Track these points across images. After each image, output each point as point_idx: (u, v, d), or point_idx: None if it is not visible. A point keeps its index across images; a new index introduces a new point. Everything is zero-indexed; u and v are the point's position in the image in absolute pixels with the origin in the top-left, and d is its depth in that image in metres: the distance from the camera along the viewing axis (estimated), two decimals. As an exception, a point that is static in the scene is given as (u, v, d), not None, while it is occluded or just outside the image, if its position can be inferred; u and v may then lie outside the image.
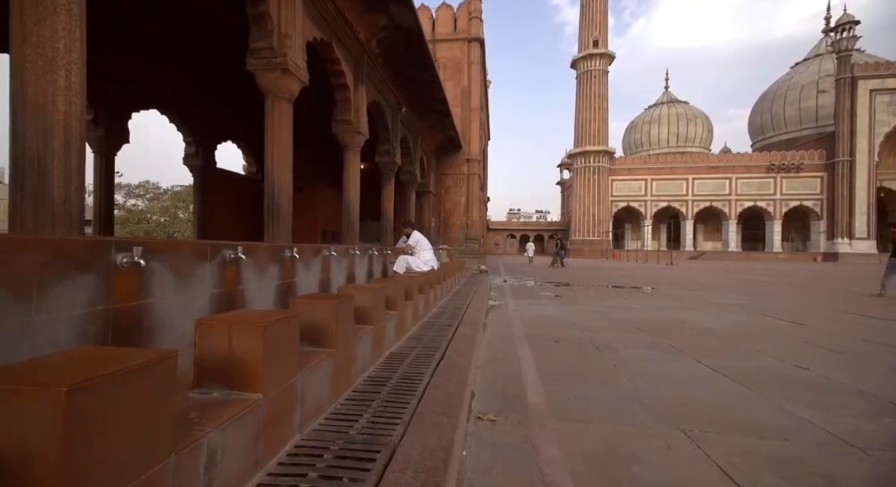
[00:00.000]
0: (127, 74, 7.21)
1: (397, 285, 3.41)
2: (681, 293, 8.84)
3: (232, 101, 9.44)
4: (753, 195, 41.17)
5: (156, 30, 6.47)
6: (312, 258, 3.41)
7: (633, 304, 6.92)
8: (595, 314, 5.85)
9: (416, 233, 5.76)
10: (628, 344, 3.94)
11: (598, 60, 42.63)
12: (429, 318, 4.69)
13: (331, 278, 3.76)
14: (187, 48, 7.07)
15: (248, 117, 10.32)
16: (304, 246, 3.33)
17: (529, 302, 7.06)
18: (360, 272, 4.65)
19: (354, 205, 6.59)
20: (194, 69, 7.86)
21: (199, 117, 8.76)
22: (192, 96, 8.39)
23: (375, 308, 2.78)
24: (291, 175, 4.46)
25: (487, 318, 5.34)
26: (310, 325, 2.22)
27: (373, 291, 2.78)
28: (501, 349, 3.73)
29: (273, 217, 4.26)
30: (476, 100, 14.43)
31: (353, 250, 4.30)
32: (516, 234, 60.29)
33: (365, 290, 2.80)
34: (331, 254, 3.65)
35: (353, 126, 6.35)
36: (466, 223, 14.43)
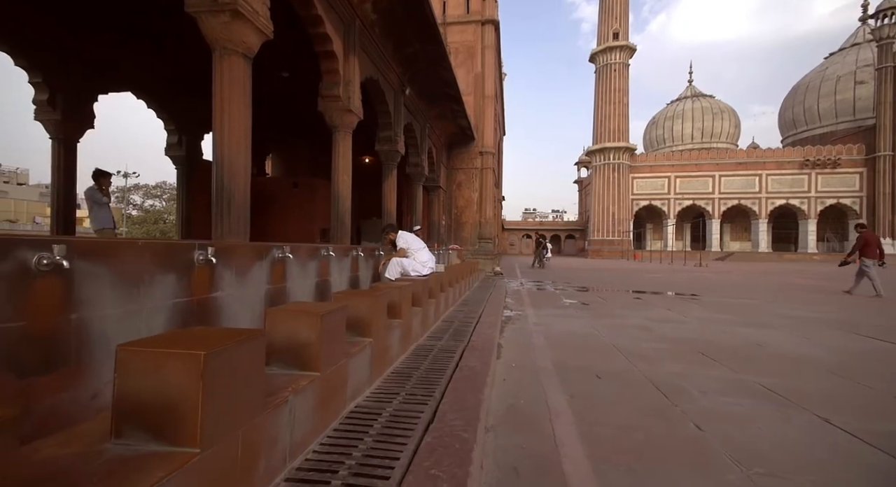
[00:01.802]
0: (94, 53, 6.38)
1: (375, 300, 2.36)
2: (731, 301, 7.56)
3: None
4: (785, 192, 38.84)
5: (133, 7, 5.60)
6: (251, 263, 2.39)
7: (680, 316, 5.72)
8: (638, 330, 4.69)
9: (403, 233, 4.71)
10: (704, 385, 2.80)
11: (618, 53, 40.93)
12: (426, 340, 3.63)
13: (287, 290, 2.74)
14: (167, 30, 6.17)
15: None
16: (236, 246, 2.32)
17: (553, 312, 5.94)
18: (340, 279, 3.62)
19: (345, 197, 5.59)
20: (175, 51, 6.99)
21: (181, 104, 7.90)
22: (173, 80, 7.53)
23: (324, 340, 1.74)
24: (249, 153, 3.47)
25: (503, 336, 4.25)
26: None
27: (318, 316, 1.74)
28: (523, 391, 2.64)
29: (223, 209, 3.26)
30: (490, 87, 13.33)
31: (325, 251, 3.28)
32: (532, 234, 58.77)
33: (307, 316, 1.75)
34: (286, 256, 2.62)
35: (343, 103, 5.35)
36: (480, 221, 13.33)
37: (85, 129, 6.25)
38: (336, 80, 5.27)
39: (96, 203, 5.50)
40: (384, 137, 7.58)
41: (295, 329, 1.73)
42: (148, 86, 7.33)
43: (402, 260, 4.37)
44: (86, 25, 5.91)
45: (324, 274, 3.31)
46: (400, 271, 4.33)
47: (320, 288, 3.22)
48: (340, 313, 1.94)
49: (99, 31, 6.06)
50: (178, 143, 8.01)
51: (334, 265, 3.50)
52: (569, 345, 3.92)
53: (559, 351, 3.70)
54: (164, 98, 7.67)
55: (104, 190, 5.54)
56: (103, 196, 5.51)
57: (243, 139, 3.35)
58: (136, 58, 6.87)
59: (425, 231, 12.16)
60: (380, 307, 2.48)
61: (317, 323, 1.72)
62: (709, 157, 40.86)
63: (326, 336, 1.77)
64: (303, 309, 1.86)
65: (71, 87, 6.03)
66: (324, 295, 3.27)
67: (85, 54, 6.30)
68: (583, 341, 4.12)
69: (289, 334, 1.74)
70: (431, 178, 11.64)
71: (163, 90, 7.60)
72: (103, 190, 5.53)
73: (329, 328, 1.79)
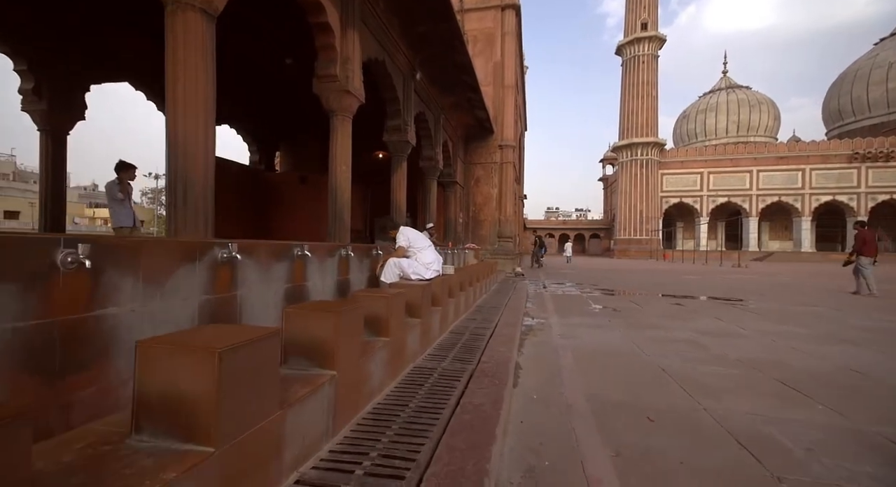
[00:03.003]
0: (88, 39, 6.01)
1: (343, 316, 1.70)
2: (789, 308, 6.54)
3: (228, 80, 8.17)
4: (832, 188, 36.13)
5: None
6: (176, 266, 1.75)
7: (735, 327, 4.83)
8: (688, 346, 3.86)
9: (405, 230, 4.01)
10: (805, 437, 2.00)
11: (646, 44, 39.11)
12: (425, 360, 2.95)
13: (238, 299, 2.10)
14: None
15: (248, 100, 9.06)
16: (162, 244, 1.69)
17: (581, 321, 5.14)
18: (322, 285, 2.98)
19: (344, 190, 4.98)
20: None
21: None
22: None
23: (227, 394, 1.09)
24: (213, 133, 2.88)
25: (522, 352, 3.52)
26: None
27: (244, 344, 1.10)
28: (548, 443, 1.92)
29: (177, 199, 2.68)
30: (510, 76, 12.53)
31: (300, 250, 2.64)
32: (555, 233, 57.26)
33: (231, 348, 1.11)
34: (232, 256, 1.99)
35: (340, 84, 4.74)
36: (499, 219, 12.55)
37: (75, 121, 5.88)
38: (332, 58, 4.66)
39: (113, 199, 5.05)
40: (393, 126, 6.96)
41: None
42: (147, 76, 6.95)
43: (402, 260, 3.69)
44: (82, 8, 5.53)
45: (298, 278, 2.67)
46: (398, 274, 3.66)
47: (292, 297, 2.59)
48: (271, 341, 1.28)
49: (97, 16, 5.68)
50: (180, 137, 7.61)
51: (313, 267, 2.86)
52: (605, 367, 3.15)
53: (593, 375, 2.94)
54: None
55: (124, 184, 5.05)
56: (119, 192, 5.01)
57: (203, 114, 2.76)
58: (136, 46, 6.48)
59: (441, 229, 11.49)
60: (351, 325, 1.81)
61: (212, 366, 1.08)
62: (745, 152, 38.46)
63: (245, 377, 1.14)
64: (214, 335, 1.22)
65: (59, 76, 5.66)
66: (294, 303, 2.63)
67: (80, 41, 5.94)
68: (621, 361, 3.33)
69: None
70: (447, 173, 10.97)
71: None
72: (123, 184, 5.04)
73: (251, 363, 1.16)
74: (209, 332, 1.30)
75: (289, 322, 1.71)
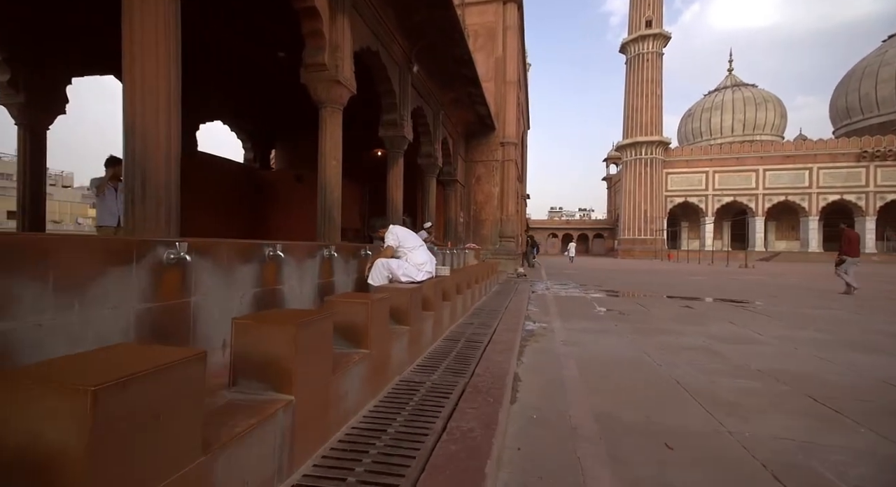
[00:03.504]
0: (69, 28, 5.76)
1: (304, 328, 1.42)
2: (806, 311, 6.20)
3: (220, 73, 7.91)
4: (839, 187, 35.56)
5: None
6: (104, 269, 1.47)
7: (751, 332, 4.50)
8: (703, 354, 3.55)
9: (395, 228, 3.69)
10: (849, 467, 1.70)
11: (651, 42, 38.68)
12: (414, 372, 2.66)
13: (190, 306, 1.82)
14: None
15: (241, 95, 8.79)
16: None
17: (585, 326, 4.84)
18: (299, 289, 2.69)
19: (334, 186, 4.69)
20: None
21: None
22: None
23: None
24: (177, 117, 2.60)
25: (521, 361, 3.22)
26: None
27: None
28: (549, 475, 1.62)
29: (135, 191, 2.40)
30: (512, 72, 12.22)
31: (272, 250, 2.35)
32: (558, 233, 56.88)
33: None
34: (181, 257, 1.70)
35: (329, 73, 4.46)
36: (501, 218, 12.24)
37: (55, 115, 5.63)
38: (320, 45, 4.37)
39: (98, 195, 4.74)
40: (388, 121, 6.67)
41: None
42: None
43: (391, 261, 3.40)
44: None
45: (270, 281, 2.39)
46: (387, 276, 3.37)
47: (263, 303, 2.30)
48: (189, 369, 0.99)
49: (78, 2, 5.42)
50: (169, 133, 7.36)
51: (290, 270, 2.58)
52: (613, 380, 2.85)
53: (600, 389, 2.64)
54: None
55: (114, 181, 4.71)
56: (98, 190, 4.69)
57: (165, 99, 2.47)
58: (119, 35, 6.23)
59: (441, 228, 11.20)
60: (315, 339, 1.52)
61: (82, 411, 0.79)
62: (752, 150, 37.93)
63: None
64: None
65: (38, 67, 5.40)
66: (266, 309, 2.34)
67: (61, 30, 5.68)
68: (631, 372, 3.03)
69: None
70: (447, 171, 10.67)
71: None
72: (114, 180, 4.71)
73: (153, 402, 0.87)
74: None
75: (239, 335, 1.43)
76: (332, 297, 2.14)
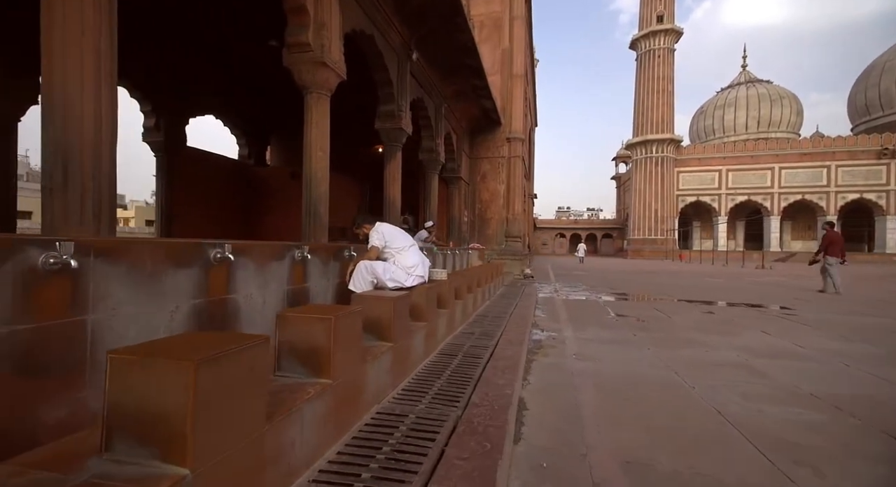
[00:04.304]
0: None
1: (237, 354, 0.98)
2: (848, 318, 5.62)
3: (209, 63, 7.54)
4: (859, 186, 34.41)
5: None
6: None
7: (790, 344, 3.96)
8: (741, 374, 3.04)
9: (381, 225, 3.20)
10: None
11: (662, 37, 37.86)
12: (396, 401, 2.20)
13: (87, 324, 1.38)
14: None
15: (234, 86, 8.40)
16: None
17: (600, 335, 4.34)
18: (262, 297, 2.24)
19: (321, 181, 4.25)
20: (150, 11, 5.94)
21: (156, 79, 6.87)
22: (142, 49, 6.49)
23: None
24: (114, 93, 2.17)
25: (528, 381, 2.74)
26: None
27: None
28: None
29: (56, 180, 1.97)
30: (519, 64, 11.71)
31: (221, 252, 1.90)
32: (566, 233, 56.12)
33: None
34: (64, 262, 1.26)
35: (314, 54, 4.02)
36: (507, 217, 11.74)
37: (26, 107, 5.26)
38: (303, 23, 3.94)
39: None
40: (385, 112, 6.22)
41: None
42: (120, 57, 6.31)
43: (375, 264, 2.93)
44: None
45: (217, 290, 1.94)
46: (371, 281, 2.91)
47: (204, 317, 1.85)
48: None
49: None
50: (156, 127, 7.00)
51: (246, 275, 2.13)
52: (639, 408, 2.36)
53: (625, 422, 2.15)
54: (140, 72, 6.66)
55: None
56: None
57: (93, 67, 2.04)
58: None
59: (444, 228, 10.74)
60: (229, 382, 1.07)
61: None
62: (767, 148, 36.90)
63: None
64: None
65: (3, 55, 5.05)
66: (212, 325, 1.90)
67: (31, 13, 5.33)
68: (661, 397, 2.53)
69: None
70: (451, 168, 10.21)
71: (138, 63, 6.59)
72: None
73: None
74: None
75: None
76: (287, 311, 1.68)
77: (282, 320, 1.65)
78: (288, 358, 1.63)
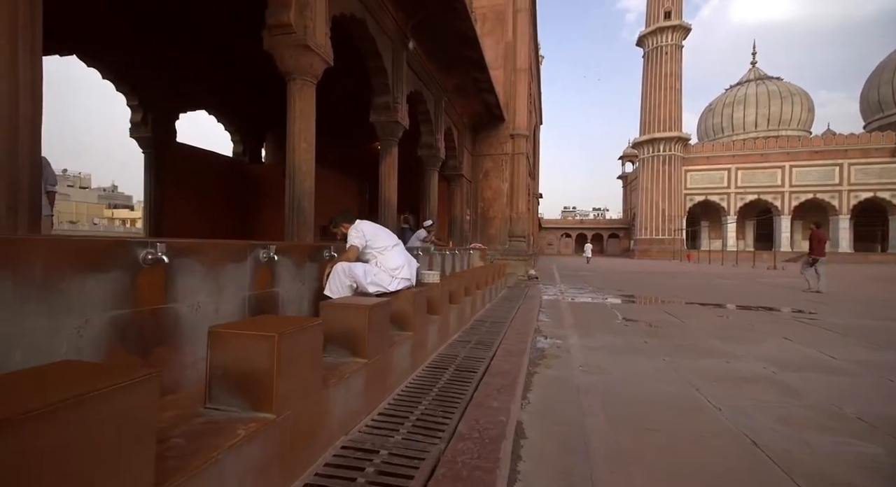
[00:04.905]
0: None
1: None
2: (882, 325, 5.21)
3: (200, 56, 7.25)
4: (873, 184, 33.56)
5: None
6: None
7: (819, 353, 3.58)
8: (771, 391, 2.67)
9: (361, 223, 2.82)
10: None
11: (670, 34, 37.21)
12: (372, 428, 1.87)
13: None
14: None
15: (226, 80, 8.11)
16: None
17: (609, 343, 3.97)
18: (212, 306, 1.91)
19: (305, 174, 3.94)
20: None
21: (143, 73, 6.59)
22: (124, 38, 6.20)
23: None
24: (37, 58, 1.85)
25: (528, 400, 2.40)
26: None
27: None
28: None
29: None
30: (523, 58, 11.33)
31: (151, 253, 1.57)
32: (572, 233, 55.54)
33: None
34: None
35: (297, 36, 3.70)
36: (510, 216, 11.37)
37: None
38: (285, 2, 3.61)
39: None
40: (380, 104, 5.89)
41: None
42: (97, 45, 6.04)
43: (355, 266, 2.59)
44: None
45: (151, 298, 1.61)
46: (350, 285, 2.57)
47: (127, 330, 1.52)
48: None
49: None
50: (144, 122, 6.72)
51: (193, 280, 1.80)
52: (659, 437, 2.00)
53: (643, 456, 1.79)
54: (124, 65, 6.37)
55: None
56: None
57: (7, 33, 1.72)
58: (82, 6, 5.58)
59: (445, 227, 10.40)
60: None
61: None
62: (777, 146, 36.13)
63: None
64: None
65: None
66: (142, 340, 1.57)
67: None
68: (682, 422, 2.17)
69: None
70: (452, 165, 9.86)
71: (121, 55, 6.31)
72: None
73: None
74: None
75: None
76: (219, 327, 1.35)
77: (214, 338, 1.32)
78: (220, 385, 1.30)
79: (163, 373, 1.61)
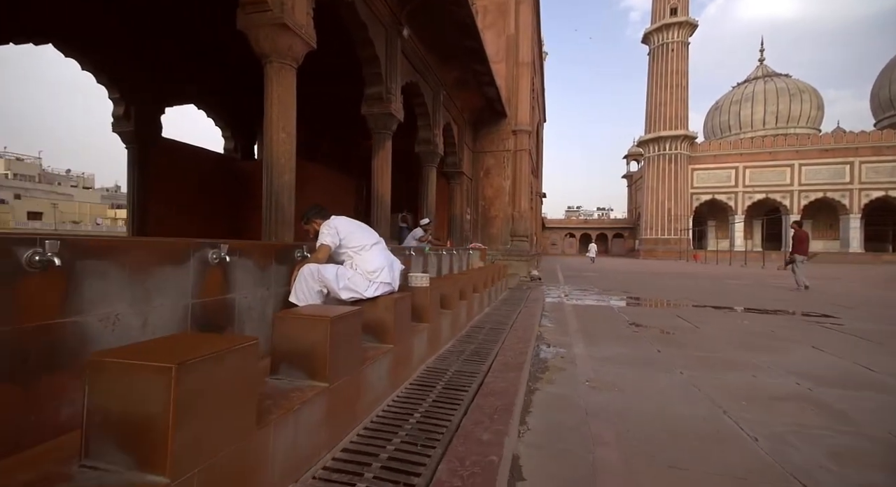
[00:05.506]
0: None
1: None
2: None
3: (187, 47, 6.93)
4: (884, 183, 32.87)
5: None
6: None
7: (855, 365, 3.18)
8: (810, 411, 2.28)
9: (336, 220, 2.44)
10: None
11: (676, 31, 36.67)
12: (321, 476, 1.50)
13: None
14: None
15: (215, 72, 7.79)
16: None
17: (618, 354, 3.59)
18: (138, 318, 1.57)
19: (283, 167, 3.60)
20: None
21: (123, 63, 6.27)
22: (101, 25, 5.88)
23: None
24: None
25: (526, 431, 2.03)
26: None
27: None
28: None
29: None
30: (526, 52, 10.95)
31: (41, 255, 1.22)
32: (576, 233, 55.01)
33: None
34: None
35: (274, 14, 3.37)
36: (513, 214, 10.99)
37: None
38: (259, -25, 3.26)
39: None
40: (372, 95, 5.55)
41: None
42: (78, 34, 5.73)
43: (324, 268, 2.22)
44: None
45: (44, 310, 1.26)
46: (319, 290, 2.21)
47: (19, 348, 1.18)
48: None
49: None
50: (126, 116, 6.40)
51: (113, 286, 1.46)
52: (686, 477, 1.63)
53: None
54: (103, 55, 6.06)
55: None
56: None
57: None
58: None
59: (444, 226, 10.04)
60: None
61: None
62: (786, 144, 35.47)
63: None
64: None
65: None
66: (27, 362, 1.23)
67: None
68: (713, 459, 1.79)
69: None
70: (451, 162, 9.50)
71: (102, 45, 6.00)
72: None
73: None
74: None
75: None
76: (104, 353, 1.00)
77: (93, 369, 0.96)
78: (99, 439, 0.94)
79: (58, 409, 1.26)
